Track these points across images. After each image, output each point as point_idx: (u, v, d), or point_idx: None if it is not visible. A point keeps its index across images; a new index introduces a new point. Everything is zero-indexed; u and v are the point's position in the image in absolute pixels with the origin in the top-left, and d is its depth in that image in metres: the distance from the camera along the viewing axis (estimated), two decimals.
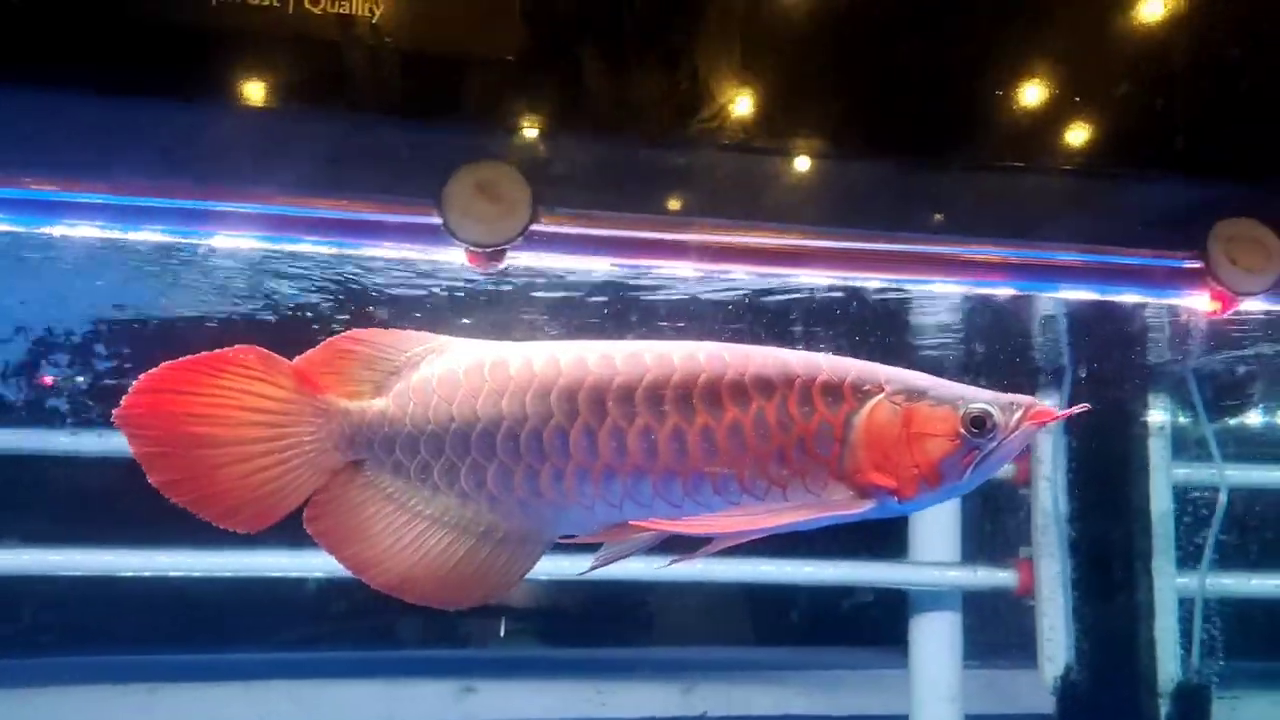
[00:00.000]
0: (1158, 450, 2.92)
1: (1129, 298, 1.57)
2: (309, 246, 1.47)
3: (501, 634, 3.16)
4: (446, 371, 0.99)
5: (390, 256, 1.59)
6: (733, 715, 3.26)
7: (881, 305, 1.68)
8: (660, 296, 1.56)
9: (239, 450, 0.95)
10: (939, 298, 1.86)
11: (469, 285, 1.69)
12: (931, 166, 1.46)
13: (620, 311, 1.64)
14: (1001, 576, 3.21)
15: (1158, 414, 2.91)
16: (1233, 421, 3.08)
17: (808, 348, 1.13)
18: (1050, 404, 2.70)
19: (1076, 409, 1.07)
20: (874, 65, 1.40)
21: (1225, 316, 1.58)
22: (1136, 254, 1.55)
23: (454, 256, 1.41)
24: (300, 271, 1.68)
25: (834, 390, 0.97)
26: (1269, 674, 3.04)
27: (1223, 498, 2.83)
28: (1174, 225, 1.54)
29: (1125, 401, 2.91)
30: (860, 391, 0.98)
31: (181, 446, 0.94)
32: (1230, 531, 2.93)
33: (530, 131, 1.38)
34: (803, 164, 1.42)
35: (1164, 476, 2.93)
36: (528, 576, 0.98)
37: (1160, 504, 2.92)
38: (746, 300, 1.55)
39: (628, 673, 3.08)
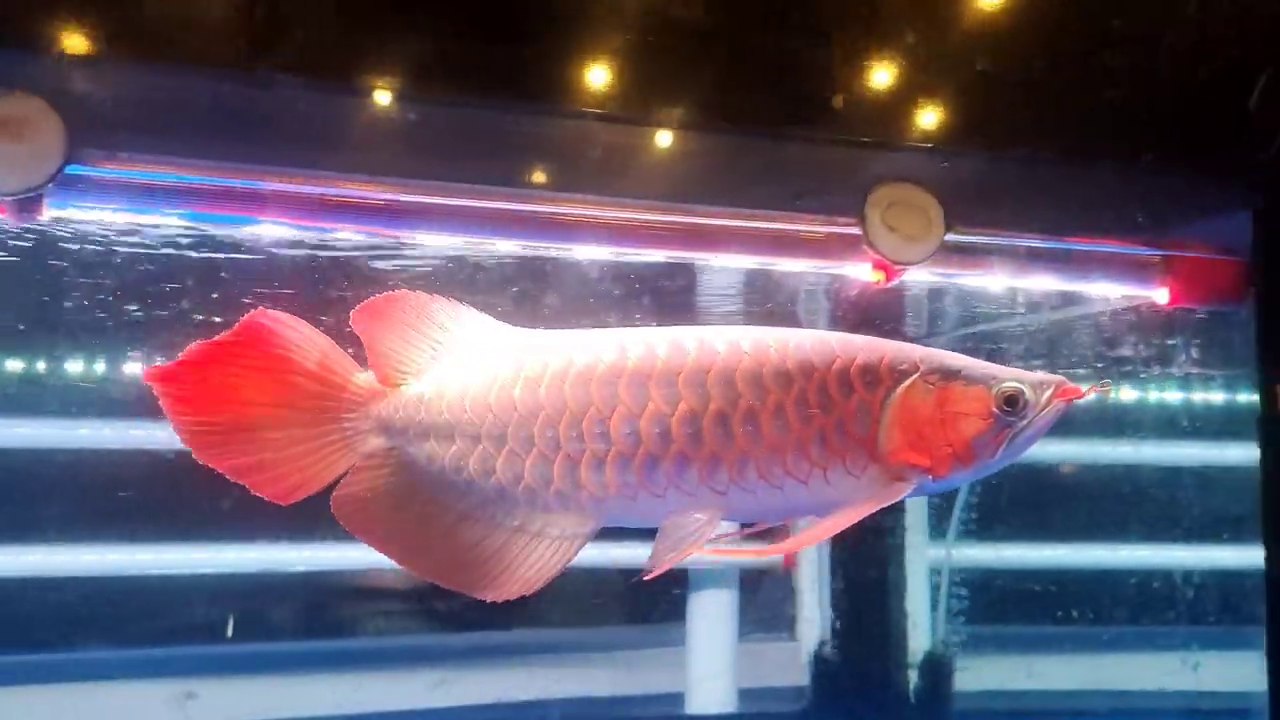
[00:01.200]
0: None
1: (794, 266, 1.47)
2: None
3: (229, 632, 2.91)
4: (482, 358, 0.96)
5: None
6: (498, 704, 3.13)
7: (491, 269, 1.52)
8: (241, 255, 1.36)
9: (277, 416, 0.92)
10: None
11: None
12: (532, 115, 1.31)
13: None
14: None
15: None
16: None
17: None
18: None
19: (1101, 386, 1.08)
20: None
21: (890, 286, 1.50)
22: (797, 220, 1.45)
23: None
24: None
25: (871, 371, 0.98)
26: (1012, 638, 3.12)
27: None
28: (835, 190, 1.45)
29: None
30: (896, 372, 0.98)
31: (220, 414, 0.91)
32: (981, 504, 2.97)
33: (66, 58, 1.15)
34: (401, 107, 1.25)
35: None
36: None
37: None
38: (342, 261, 1.37)
39: (374, 665, 2.89)
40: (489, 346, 0.96)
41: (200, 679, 2.66)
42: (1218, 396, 2.89)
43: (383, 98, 1.17)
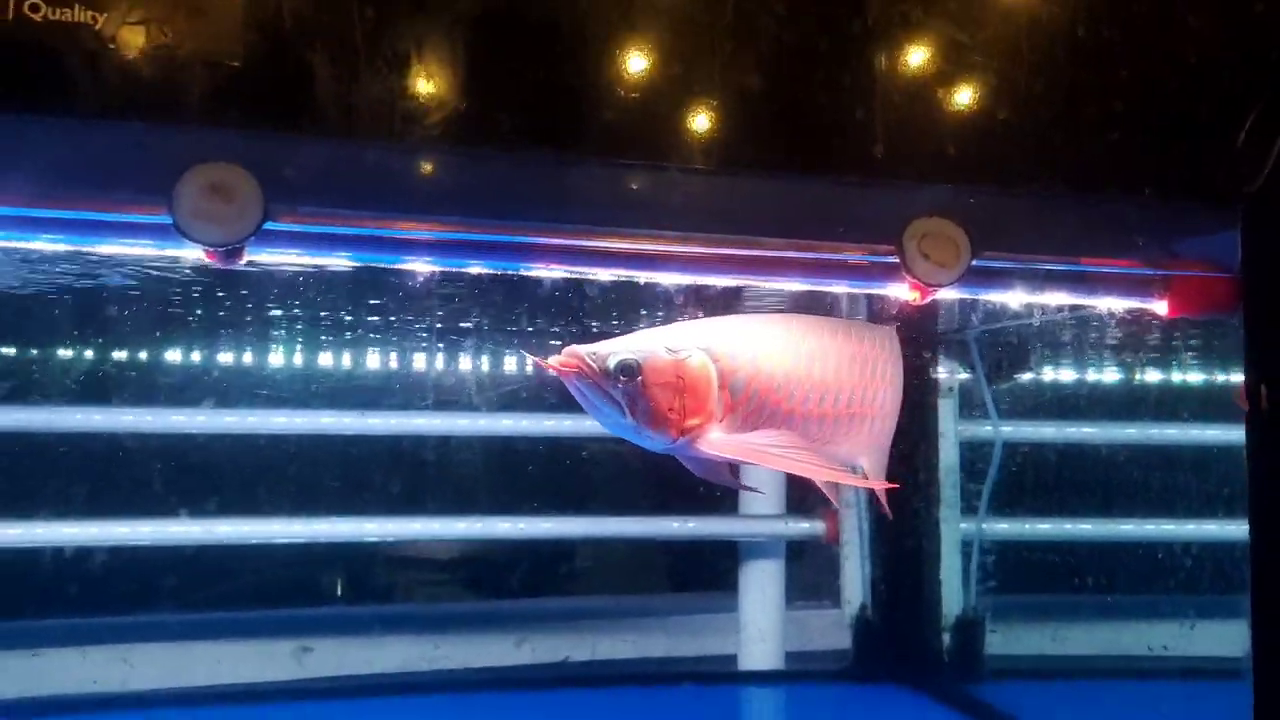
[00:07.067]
0: (946, 411, 3.19)
1: (840, 288, 1.74)
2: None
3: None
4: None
5: None
6: (572, 662, 3.44)
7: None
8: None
9: None
10: None
11: None
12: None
13: None
14: (814, 526, 3.46)
15: (946, 378, 3.17)
16: (1010, 383, 3.36)
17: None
18: None
19: (549, 361, 1.45)
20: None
21: (925, 302, 1.76)
22: (843, 250, 1.72)
23: (194, 254, 1.49)
24: None
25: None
26: (1039, 606, 3.37)
27: (998, 452, 3.11)
28: (876, 223, 1.71)
29: (921, 368, 3.16)
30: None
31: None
32: (1007, 481, 3.22)
33: (259, 133, 1.45)
34: (519, 165, 1.53)
35: (951, 434, 3.20)
36: None
37: (948, 459, 3.19)
38: None
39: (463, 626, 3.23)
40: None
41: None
42: (1215, 389, 3.10)
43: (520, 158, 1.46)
